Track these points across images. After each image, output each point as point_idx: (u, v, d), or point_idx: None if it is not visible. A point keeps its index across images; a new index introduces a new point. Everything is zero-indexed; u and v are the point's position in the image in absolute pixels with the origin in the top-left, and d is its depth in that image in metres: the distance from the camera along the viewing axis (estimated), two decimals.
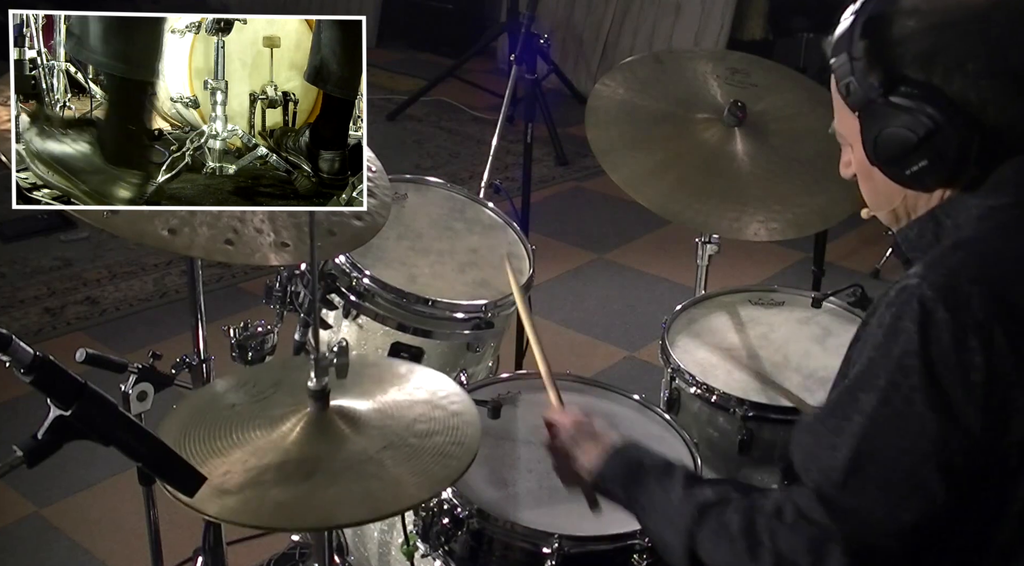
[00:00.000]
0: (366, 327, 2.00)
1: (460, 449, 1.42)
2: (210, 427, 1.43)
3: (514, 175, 4.26)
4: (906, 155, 1.20)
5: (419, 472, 1.37)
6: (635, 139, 2.20)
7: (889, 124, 1.20)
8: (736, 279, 2.81)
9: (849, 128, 1.28)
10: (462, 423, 1.47)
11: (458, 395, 1.54)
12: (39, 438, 1.13)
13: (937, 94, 1.17)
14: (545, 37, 3.23)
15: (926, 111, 1.17)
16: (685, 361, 2.02)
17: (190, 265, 1.74)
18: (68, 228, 4.13)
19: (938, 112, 1.17)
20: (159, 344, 2.45)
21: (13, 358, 1.10)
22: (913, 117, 1.18)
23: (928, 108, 1.17)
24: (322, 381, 1.42)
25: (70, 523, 2.67)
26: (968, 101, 1.17)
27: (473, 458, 1.41)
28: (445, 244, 2.17)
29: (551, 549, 1.55)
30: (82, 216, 1.35)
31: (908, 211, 1.30)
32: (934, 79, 1.17)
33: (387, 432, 1.44)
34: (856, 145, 1.28)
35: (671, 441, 1.82)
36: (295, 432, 1.41)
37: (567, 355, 3.53)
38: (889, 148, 1.21)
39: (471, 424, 1.47)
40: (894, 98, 1.19)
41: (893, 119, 1.19)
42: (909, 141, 1.19)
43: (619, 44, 5.95)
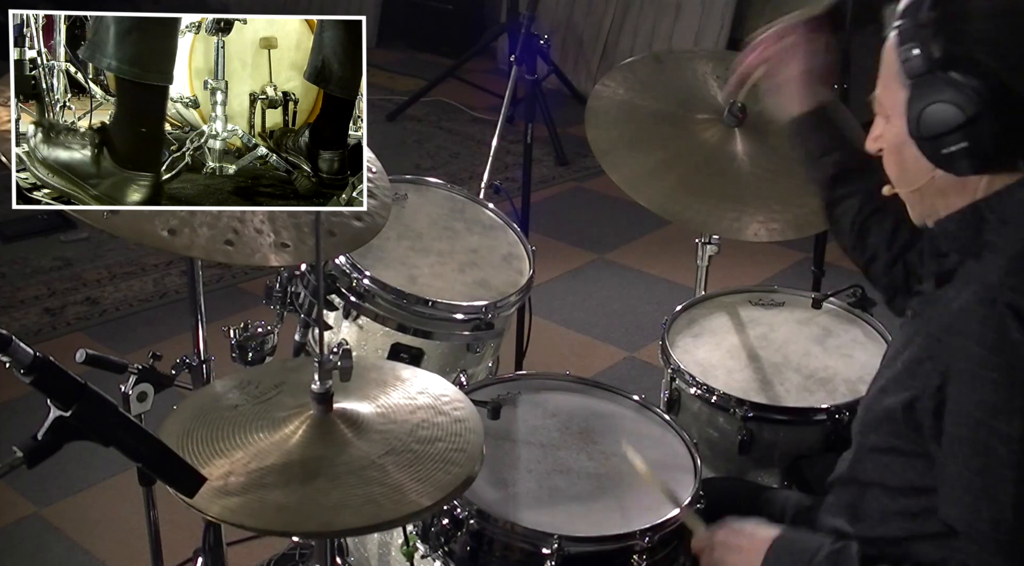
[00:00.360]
0: (366, 328, 2.00)
1: (463, 456, 1.42)
2: (212, 428, 1.43)
3: (514, 175, 4.26)
4: (948, 133, 1.18)
5: (422, 479, 1.37)
6: (635, 139, 2.19)
7: (939, 98, 1.17)
8: (736, 279, 2.81)
9: (893, 97, 1.24)
10: (465, 429, 1.47)
11: (461, 401, 1.54)
12: (39, 438, 1.13)
13: (996, 80, 1.15)
14: (545, 37, 3.23)
15: (981, 94, 1.15)
16: (685, 361, 2.02)
17: (190, 265, 1.74)
18: (68, 228, 4.13)
19: (993, 98, 1.14)
20: (159, 344, 2.45)
21: (13, 358, 1.10)
22: (966, 96, 1.15)
23: (984, 91, 1.15)
24: (326, 384, 1.42)
25: (70, 523, 2.67)
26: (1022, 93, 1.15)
27: (478, 466, 1.41)
28: (445, 244, 2.17)
29: (551, 549, 1.55)
30: (82, 216, 1.35)
31: (934, 197, 1.27)
32: (995, 64, 1.15)
33: (390, 437, 1.43)
34: (895, 116, 1.25)
35: (671, 441, 1.82)
36: (298, 435, 1.41)
37: (567, 355, 3.53)
38: (932, 123, 1.18)
39: (474, 431, 1.47)
40: (953, 73, 1.16)
41: (946, 94, 1.17)
42: (955, 119, 1.16)
43: (619, 44, 5.94)
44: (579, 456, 1.76)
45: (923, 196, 1.29)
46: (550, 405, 1.90)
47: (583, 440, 1.80)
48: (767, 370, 2.03)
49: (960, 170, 1.21)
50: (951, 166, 1.21)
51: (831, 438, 1.88)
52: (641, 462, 1.59)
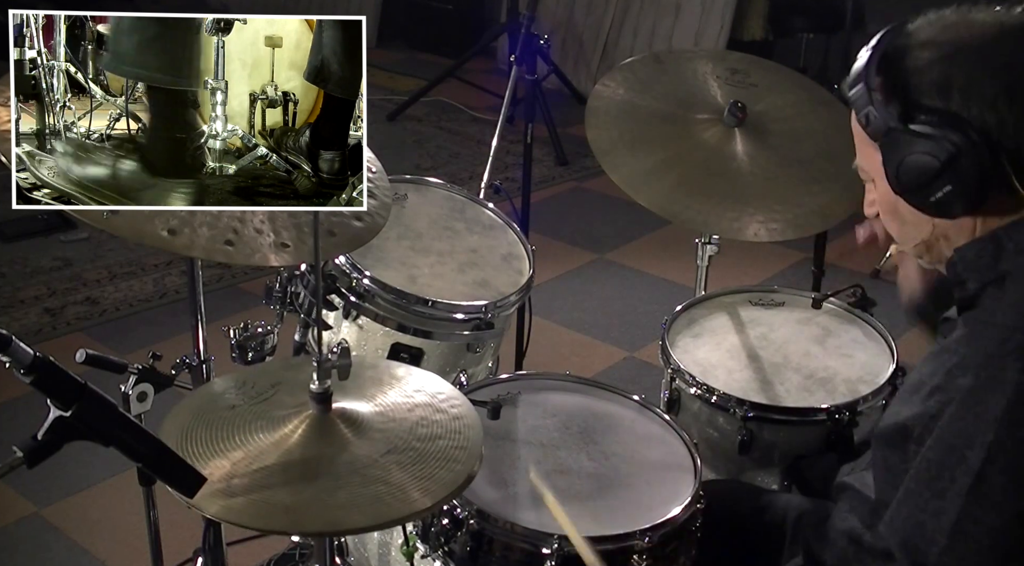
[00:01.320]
0: (366, 328, 2.00)
1: (464, 453, 1.42)
2: (212, 427, 1.43)
3: (514, 175, 4.26)
4: (930, 181, 1.20)
5: (425, 476, 1.37)
6: (635, 139, 2.19)
7: (910, 151, 1.20)
8: (736, 279, 2.81)
9: (871, 161, 1.27)
10: (464, 427, 1.47)
11: (457, 398, 1.54)
12: (39, 438, 1.13)
13: (956, 119, 1.18)
14: (545, 37, 3.23)
15: (946, 136, 1.17)
16: (685, 361, 2.02)
17: (190, 265, 1.74)
18: (68, 228, 4.13)
19: (958, 136, 1.17)
20: (159, 344, 2.45)
21: (13, 358, 1.10)
22: (934, 143, 1.18)
23: (948, 133, 1.17)
24: (324, 383, 1.42)
25: (70, 523, 2.67)
26: (987, 124, 1.17)
27: (478, 463, 1.41)
28: (445, 244, 2.17)
29: (551, 549, 1.55)
30: (82, 216, 1.35)
31: (939, 244, 1.28)
32: (952, 105, 1.18)
33: (390, 436, 1.43)
34: (879, 179, 1.27)
35: (671, 441, 1.82)
36: (297, 434, 1.41)
37: (567, 355, 3.53)
38: (912, 175, 1.21)
39: (473, 427, 1.47)
40: (914, 126, 1.20)
41: (914, 146, 1.20)
42: (931, 167, 1.18)
43: (619, 44, 5.94)
44: (579, 456, 1.76)
45: (929, 247, 1.31)
46: (550, 405, 1.90)
47: (583, 440, 1.80)
48: (767, 370, 2.03)
49: (955, 213, 1.23)
50: (945, 212, 1.23)
51: (831, 438, 1.89)
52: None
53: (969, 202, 1.21)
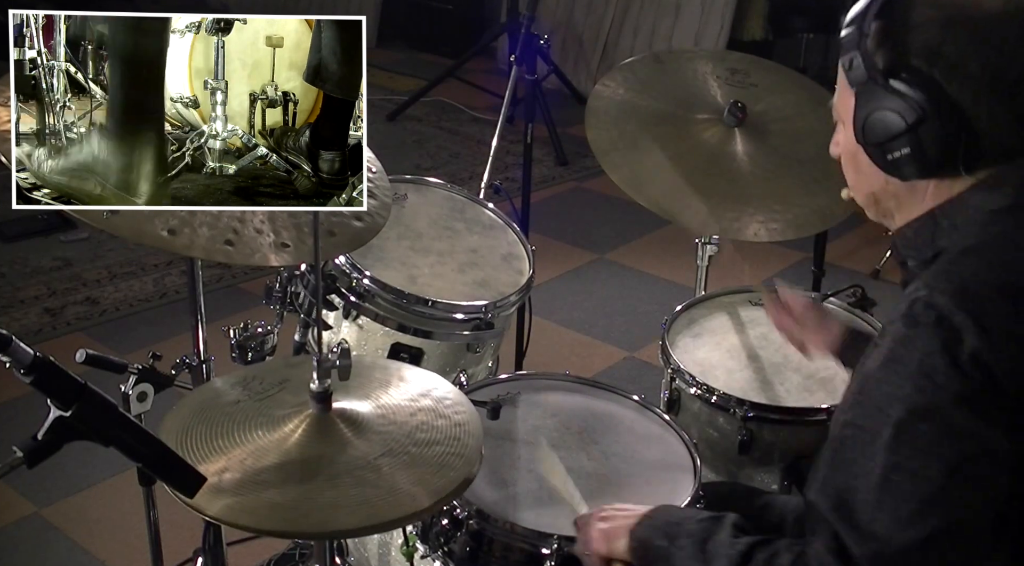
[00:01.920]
0: (366, 328, 2.00)
1: (460, 460, 1.41)
2: (211, 425, 1.43)
3: (514, 175, 4.26)
4: (891, 140, 1.22)
5: (417, 481, 1.36)
6: (635, 139, 2.19)
7: (882, 106, 1.21)
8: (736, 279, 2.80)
9: (845, 104, 1.28)
10: (464, 433, 1.47)
11: (463, 405, 1.53)
12: (39, 438, 1.13)
13: (934, 88, 1.18)
14: (545, 37, 3.23)
15: (920, 101, 1.18)
16: (685, 361, 2.02)
17: (190, 265, 1.74)
18: (68, 228, 4.13)
19: (931, 105, 1.18)
20: (159, 344, 2.45)
21: (13, 358, 1.10)
22: (906, 104, 1.19)
23: (922, 99, 1.18)
24: (324, 383, 1.42)
25: (70, 523, 2.67)
26: (962, 102, 1.18)
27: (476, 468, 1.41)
28: (445, 244, 2.17)
29: (551, 550, 1.55)
30: (82, 216, 1.35)
31: (888, 201, 1.31)
32: (935, 73, 1.18)
33: (388, 438, 1.43)
34: (847, 124, 1.29)
35: (671, 441, 1.82)
36: (297, 433, 1.41)
37: (567, 355, 3.53)
38: (876, 130, 1.23)
39: (474, 435, 1.47)
40: (893, 82, 1.20)
41: (887, 102, 1.21)
42: (897, 126, 1.20)
43: (619, 44, 5.94)
44: (579, 456, 1.76)
45: (878, 200, 1.33)
46: (550, 405, 1.90)
47: (583, 440, 1.80)
48: (767, 370, 2.03)
49: (906, 175, 1.24)
50: (897, 171, 1.24)
51: None
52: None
53: (922, 169, 1.22)
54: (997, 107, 1.18)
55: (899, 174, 1.25)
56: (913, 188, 1.26)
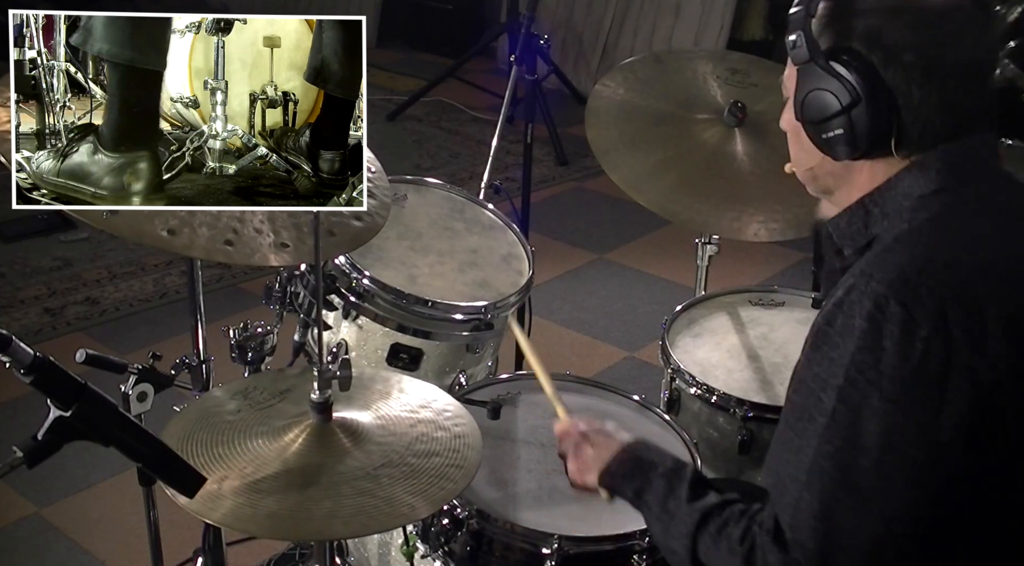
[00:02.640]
0: (366, 328, 2.00)
1: (459, 472, 1.42)
2: (212, 434, 1.43)
3: (514, 175, 4.26)
4: (826, 120, 1.25)
5: (415, 492, 1.37)
6: (635, 139, 2.19)
7: (819, 86, 1.24)
8: (736, 279, 2.81)
9: (791, 81, 1.31)
10: (463, 446, 1.48)
11: (463, 417, 1.54)
12: (39, 439, 1.13)
13: (871, 72, 1.21)
14: (545, 37, 3.23)
15: (856, 84, 1.21)
16: (685, 361, 2.02)
17: (190, 265, 1.74)
18: (68, 228, 4.13)
19: (865, 88, 1.21)
20: (159, 344, 2.46)
21: (13, 358, 1.10)
22: (843, 86, 1.22)
23: (858, 82, 1.21)
24: (325, 393, 1.42)
25: (70, 523, 2.67)
26: (896, 87, 1.21)
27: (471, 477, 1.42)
28: (445, 245, 2.17)
29: (551, 549, 1.55)
30: (82, 216, 1.35)
31: (826, 178, 1.34)
32: (873, 58, 1.21)
33: (387, 449, 1.44)
34: (791, 100, 1.32)
35: (671, 441, 1.82)
36: (297, 443, 1.42)
37: (567, 355, 3.52)
38: (813, 109, 1.26)
39: (473, 448, 1.47)
40: (833, 63, 1.23)
41: (825, 83, 1.23)
42: (832, 107, 1.23)
43: (619, 44, 5.94)
44: None
45: (816, 177, 1.36)
46: (550, 405, 1.89)
47: None
48: (767, 370, 2.03)
49: (838, 155, 1.27)
50: (831, 150, 1.27)
51: None
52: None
53: (854, 150, 1.25)
54: (929, 93, 1.20)
55: (833, 154, 1.27)
56: (849, 168, 1.29)
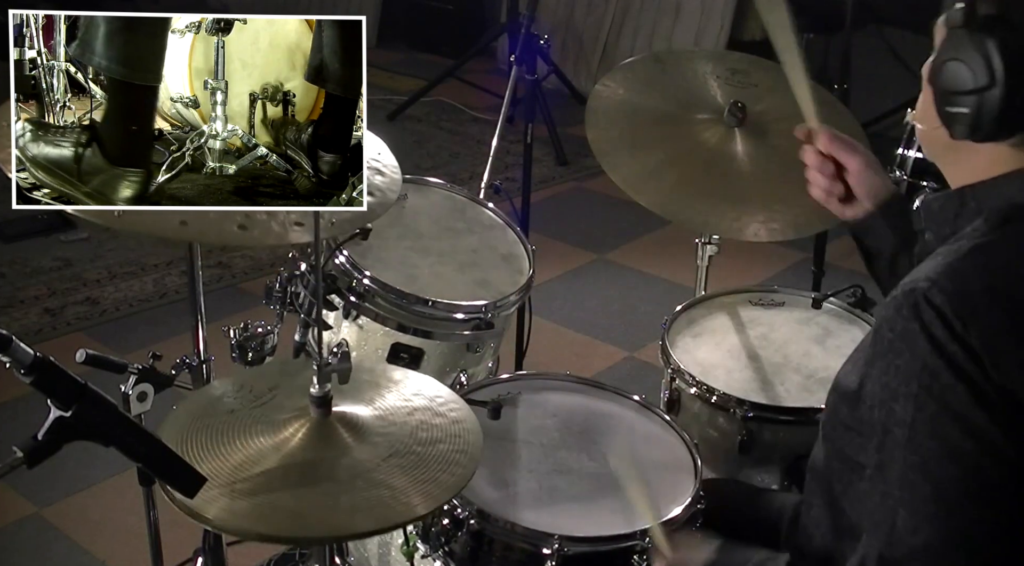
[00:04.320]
0: (366, 328, 2.00)
1: (465, 456, 1.42)
2: (211, 431, 1.43)
3: (514, 175, 4.26)
4: (955, 93, 1.16)
5: (427, 480, 1.37)
6: (635, 139, 2.19)
7: (959, 57, 1.15)
8: (736, 279, 2.80)
9: (938, 36, 1.23)
10: (464, 431, 1.48)
11: (456, 402, 1.54)
12: (39, 439, 1.13)
13: (1019, 58, 1.12)
14: (545, 38, 3.23)
15: (998, 67, 1.12)
16: (685, 361, 2.02)
17: (190, 265, 1.74)
18: (68, 228, 4.13)
19: (1007, 75, 1.12)
20: (159, 344, 2.45)
21: (13, 359, 1.10)
22: (984, 63, 1.13)
23: (1001, 66, 1.12)
24: (324, 387, 1.42)
25: (70, 523, 2.67)
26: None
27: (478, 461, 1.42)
28: (445, 244, 2.17)
29: (551, 549, 1.55)
30: (87, 215, 1.35)
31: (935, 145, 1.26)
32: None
33: (391, 440, 1.44)
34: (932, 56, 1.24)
35: (671, 441, 1.82)
36: (297, 438, 1.41)
37: (567, 355, 3.52)
38: (946, 78, 1.18)
39: (473, 432, 1.48)
40: (984, 37, 1.13)
41: (965, 54, 1.15)
42: (965, 83, 1.15)
43: (619, 44, 5.94)
44: (579, 456, 1.76)
45: (929, 141, 1.29)
46: (550, 405, 1.90)
47: (583, 440, 1.80)
48: (767, 370, 2.03)
49: (956, 133, 1.19)
50: (950, 125, 1.20)
51: None
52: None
53: (974, 133, 1.17)
54: None
55: (951, 130, 1.19)
56: (962, 148, 1.21)
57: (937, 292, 1.11)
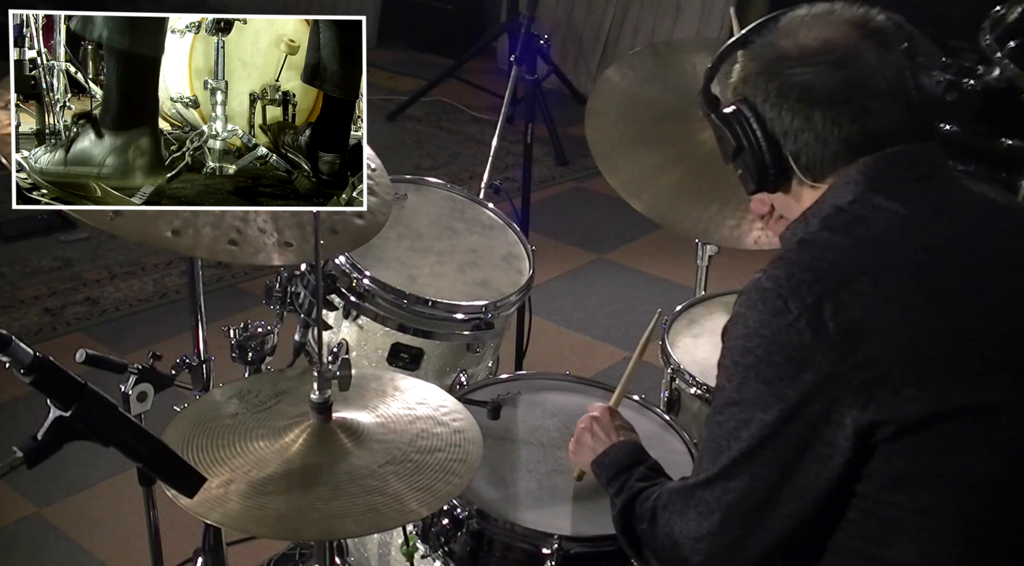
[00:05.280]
0: (366, 328, 2.00)
1: (463, 466, 1.43)
2: (213, 436, 1.44)
3: (514, 175, 4.26)
4: (731, 161, 1.37)
5: (422, 488, 1.38)
6: (635, 140, 2.19)
7: (717, 134, 1.38)
8: (736, 279, 2.80)
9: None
10: (464, 440, 1.48)
11: (460, 412, 1.55)
12: (39, 439, 1.13)
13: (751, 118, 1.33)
14: (545, 37, 3.23)
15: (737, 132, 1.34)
16: (685, 361, 2.02)
17: (190, 266, 1.74)
18: (68, 228, 4.13)
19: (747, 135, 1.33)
20: (159, 344, 2.45)
21: (13, 359, 1.10)
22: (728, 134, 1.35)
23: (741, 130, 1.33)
24: (325, 393, 1.42)
25: (70, 523, 2.67)
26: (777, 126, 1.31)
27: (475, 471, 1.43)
28: (445, 244, 2.17)
29: (551, 549, 1.55)
30: (84, 218, 1.35)
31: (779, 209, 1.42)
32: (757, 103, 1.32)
33: (390, 447, 1.44)
34: None
35: (671, 441, 1.82)
36: (298, 443, 1.42)
37: (567, 355, 3.52)
38: (723, 153, 1.39)
39: (473, 442, 1.48)
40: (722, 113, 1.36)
41: (719, 131, 1.37)
42: (728, 152, 1.36)
43: (619, 44, 5.94)
44: None
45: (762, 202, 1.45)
46: (550, 405, 1.90)
47: None
48: None
49: (748, 189, 1.38)
50: (744, 185, 1.39)
51: None
52: None
53: (761, 185, 1.36)
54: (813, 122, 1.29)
55: (745, 188, 1.38)
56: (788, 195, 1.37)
57: (766, 279, 1.24)
